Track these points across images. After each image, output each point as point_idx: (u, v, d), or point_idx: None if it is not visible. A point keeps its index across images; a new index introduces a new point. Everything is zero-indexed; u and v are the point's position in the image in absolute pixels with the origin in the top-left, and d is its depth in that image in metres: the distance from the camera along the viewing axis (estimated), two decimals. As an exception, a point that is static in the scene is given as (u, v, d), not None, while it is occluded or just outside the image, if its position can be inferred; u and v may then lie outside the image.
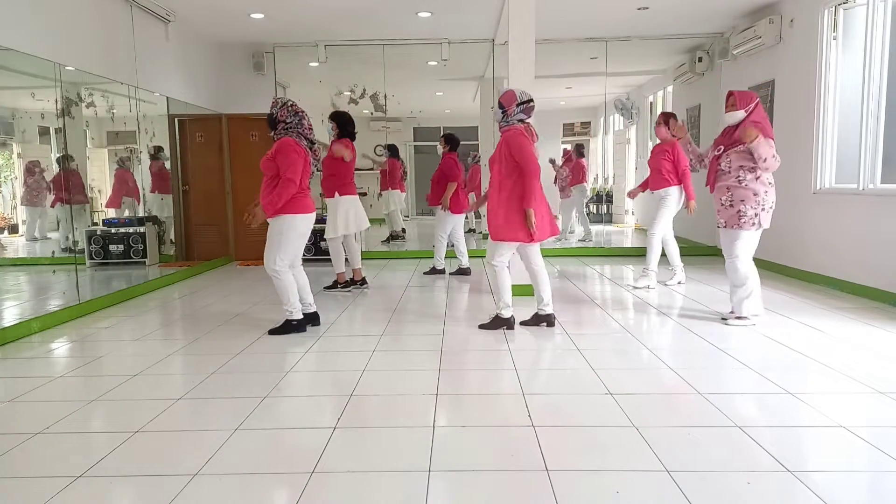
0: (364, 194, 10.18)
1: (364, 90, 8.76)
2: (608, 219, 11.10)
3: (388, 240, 9.67)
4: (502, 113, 3.99)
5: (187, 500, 2.01)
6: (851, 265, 5.26)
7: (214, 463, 2.27)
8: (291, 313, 4.16)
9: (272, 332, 4.19)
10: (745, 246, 4.05)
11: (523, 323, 4.30)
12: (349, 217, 5.50)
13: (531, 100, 4.01)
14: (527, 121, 4.03)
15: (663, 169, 5.48)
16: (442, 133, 6.85)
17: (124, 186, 6.88)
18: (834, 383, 3.05)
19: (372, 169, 9.56)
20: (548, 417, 2.65)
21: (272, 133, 4.07)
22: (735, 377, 3.20)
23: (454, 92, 10.31)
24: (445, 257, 6.69)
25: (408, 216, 10.87)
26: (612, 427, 2.55)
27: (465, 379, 3.25)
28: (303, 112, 4.06)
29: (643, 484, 2.08)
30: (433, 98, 10.92)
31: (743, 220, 3.98)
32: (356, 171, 5.85)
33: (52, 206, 5.74)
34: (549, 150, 9.78)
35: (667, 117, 5.54)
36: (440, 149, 6.54)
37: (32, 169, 5.57)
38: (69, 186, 5.76)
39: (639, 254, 8.02)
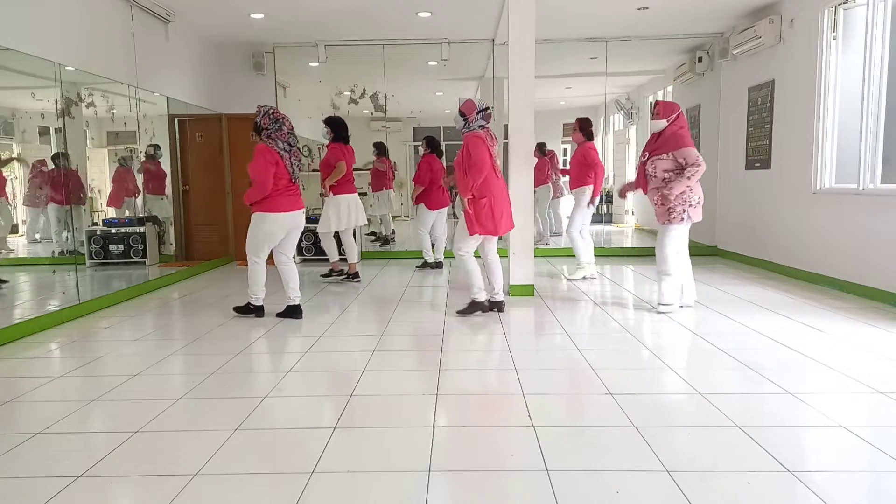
0: (364, 194, 10.18)
1: (364, 90, 8.76)
2: (608, 219, 11.09)
3: (381, 241, 9.67)
4: (464, 120, 4.39)
5: (187, 500, 2.01)
6: (851, 265, 5.26)
7: (214, 463, 2.27)
8: (257, 299, 4.63)
9: (236, 309, 4.72)
10: (675, 239, 4.47)
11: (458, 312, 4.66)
12: (341, 215, 5.88)
13: (489, 107, 4.43)
14: (486, 126, 4.43)
15: (579, 170, 5.95)
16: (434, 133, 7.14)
17: (124, 185, 6.88)
18: (834, 383, 3.05)
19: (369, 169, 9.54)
20: (548, 417, 2.65)
21: (259, 140, 4.38)
22: (735, 377, 3.19)
23: (454, 92, 10.28)
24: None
25: (408, 216, 10.86)
26: (612, 427, 2.55)
27: (465, 379, 3.25)
28: (283, 118, 4.38)
29: (643, 484, 2.08)
30: (433, 98, 10.92)
31: (673, 216, 4.39)
32: (357, 171, 6.04)
33: (45, 205, 5.74)
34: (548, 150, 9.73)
35: (582, 123, 5.96)
36: (421, 150, 6.97)
37: (39, 168, 5.57)
38: (67, 186, 5.75)
39: (639, 254, 8.03)
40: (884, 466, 2.20)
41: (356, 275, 6.24)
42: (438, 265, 7.10)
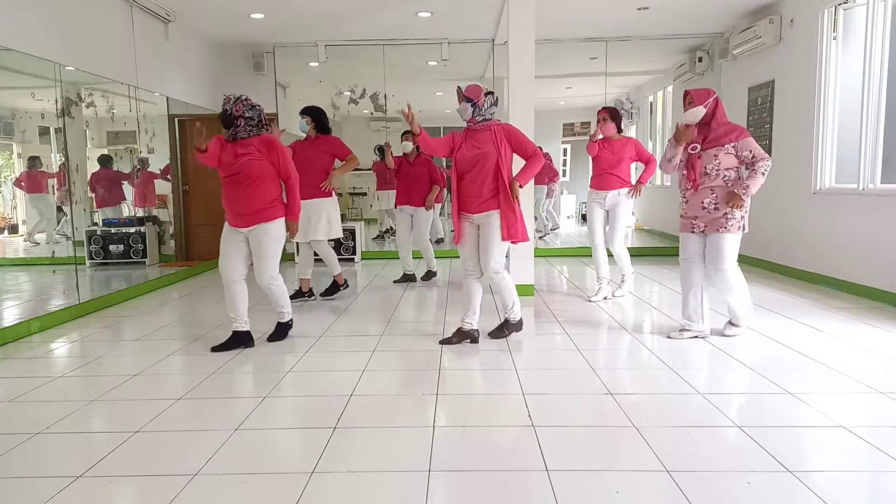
0: (364, 194, 10.19)
1: (364, 90, 8.75)
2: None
3: (381, 236, 9.71)
4: (472, 106, 3.69)
5: (187, 500, 2.01)
6: (851, 265, 5.26)
7: (214, 463, 2.27)
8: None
9: (271, 338, 4.02)
10: (735, 250, 3.73)
11: (491, 334, 4.01)
12: (332, 219, 5.15)
13: (493, 91, 3.77)
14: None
15: (622, 167, 5.04)
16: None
17: (149, 187, 7.02)
18: (834, 383, 3.05)
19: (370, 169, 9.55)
20: (548, 417, 2.65)
21: (230, 131, 3.67)
22: (735, 377, 3.20)
23: (454, 92, 10.30)
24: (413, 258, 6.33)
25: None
26: (612, 427, 2.55)
27: (465, 379, 3.25)
28: (258, 105, 3.74)
29: (643, 484, 2.08)
30: (433, 98, 10.91)
31: (731, 224, 3.67)
32: (357, 171, 5.80)
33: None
34: (549, 150, 9.76)
35: (613, 112, 5.04)
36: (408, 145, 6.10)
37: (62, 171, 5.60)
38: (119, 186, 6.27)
39: (638, 254, 8.01)
40: (884, 466, 2.20)
41: (345, 283, 5.48)
42: (433, 274, 6.33)
